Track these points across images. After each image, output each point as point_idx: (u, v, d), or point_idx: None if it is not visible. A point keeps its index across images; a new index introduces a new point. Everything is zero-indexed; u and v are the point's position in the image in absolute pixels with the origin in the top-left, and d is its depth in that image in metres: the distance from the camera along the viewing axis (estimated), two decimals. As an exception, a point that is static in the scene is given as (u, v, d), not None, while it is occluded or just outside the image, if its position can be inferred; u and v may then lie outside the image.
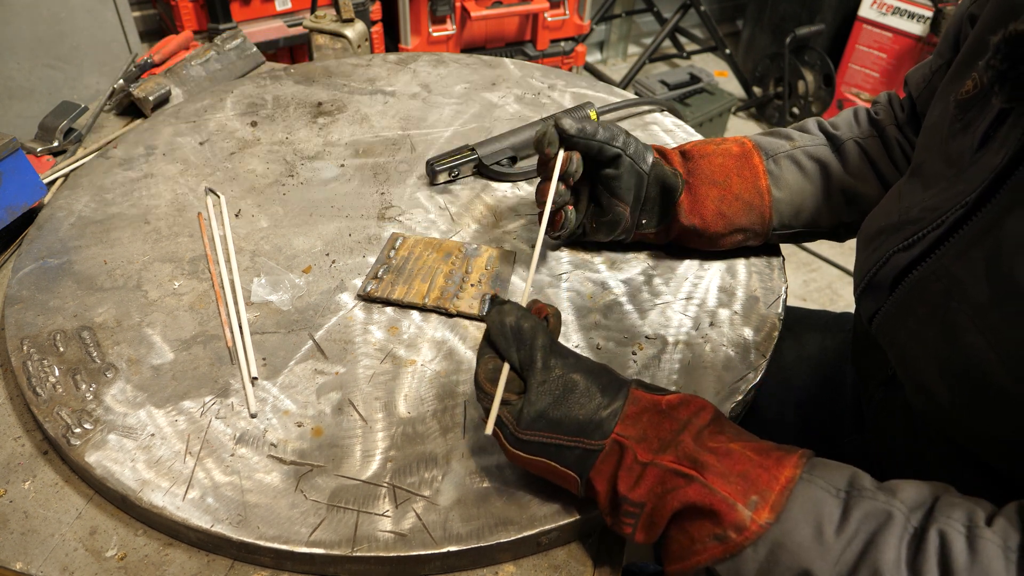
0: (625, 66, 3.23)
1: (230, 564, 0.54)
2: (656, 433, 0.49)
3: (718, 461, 0.47)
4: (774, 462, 0.47)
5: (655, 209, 0.74)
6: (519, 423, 0.50)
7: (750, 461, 0.47)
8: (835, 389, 0.83)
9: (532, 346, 0.51)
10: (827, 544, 0.43)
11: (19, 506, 0.57)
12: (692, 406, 0.51)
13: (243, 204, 0.84)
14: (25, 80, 1.73)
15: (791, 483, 0.45)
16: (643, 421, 0.50)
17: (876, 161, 0.74)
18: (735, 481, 0.46)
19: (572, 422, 0.50)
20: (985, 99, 0.54)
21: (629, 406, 0.51)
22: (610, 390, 0.51)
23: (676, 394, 0.52)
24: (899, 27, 2.49)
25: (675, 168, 0.73)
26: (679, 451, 0.48)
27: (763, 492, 0.45)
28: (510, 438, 0.51)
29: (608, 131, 0.69)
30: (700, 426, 0.50)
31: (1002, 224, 0.49)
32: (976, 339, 0.49)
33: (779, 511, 0.44)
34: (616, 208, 0.72)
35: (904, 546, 0.42)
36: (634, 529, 0.49)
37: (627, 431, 0.50)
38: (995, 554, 0.40)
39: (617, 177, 0.70)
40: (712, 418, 0.51)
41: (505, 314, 0.52)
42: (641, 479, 0.48)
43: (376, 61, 1.14)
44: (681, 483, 0.47)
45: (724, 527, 0.45)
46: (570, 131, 0.67)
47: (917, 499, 0.44)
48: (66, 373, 0.64)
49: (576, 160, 0.67)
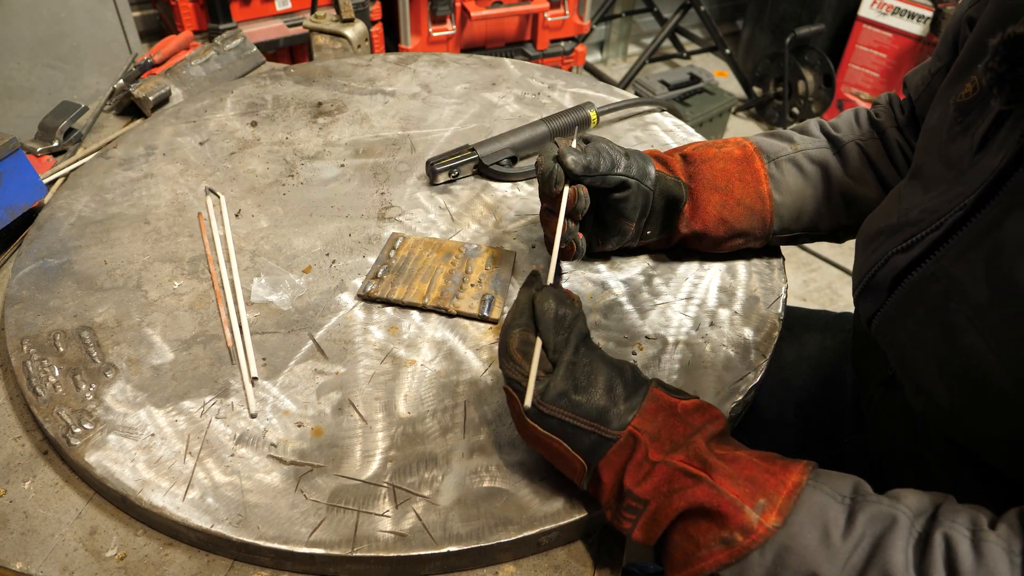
0: (625, 66, 3.23)
1: (230, 564, 0.54)
2: (669, 435, 0.50)
3: (726, 464, 0.47)
4: (780, 468, 0.47)
5: (659, 219, 0.74)
6: (543, 397, 0.50)
7: (757, 467, 0.47)
8: (835, 389, 0.83)
9: (571, 332, 0.52)
10: (834, 548, 0.43)
11: (19, 506, 0.57)
12: (707, 414, 0.51)
13: (243, 204, 0.84)
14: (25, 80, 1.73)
15: (798, 488, 0.46)
16: (659, 420, 0.51)
17: (876, 163, 0.74)
18: (743, 484, 0.46)
19: (592, 407, 0.50)
20: (984, 102, 0.54)
21: (648, 402, 0.51)
22: (631, 384, 0.52)
23: (693, 399, 0.53)
24: (899, 27, 2.49)
25: (677, 176, 0.72)
26: (690, 451, 0.48)
27: (770, 496, 0.45)
28: (530, 410, 0.51)
29: (608, 157, 0.67)
30: (712, 432, 0.50)
31: (1001, 225, 0.49)
32: (975, 340, 0.49)
33: (786, 515, 0.45)
34: (623, 225, 0.72)
35: (911, 549, 0.42)
36: (633, 526, 0.49)
37: (644, 425, 0.50)
38: (1000, 557, 0.40)
39: (624, 199, 0.70)
40: (723, 430, 0.51)
41: (553, 297, 0.53)
42: (649, 476, 0.48)
43: (376, 61, 1.14)
44: (689, 483, 0.47)
45: (731, 529, 0.45)
46: (576, 171, 0.65)
47: (920, 506, 0.45)
48: (66, 373, 0.64)
49: (584, 196, 0.66)
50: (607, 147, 0.69)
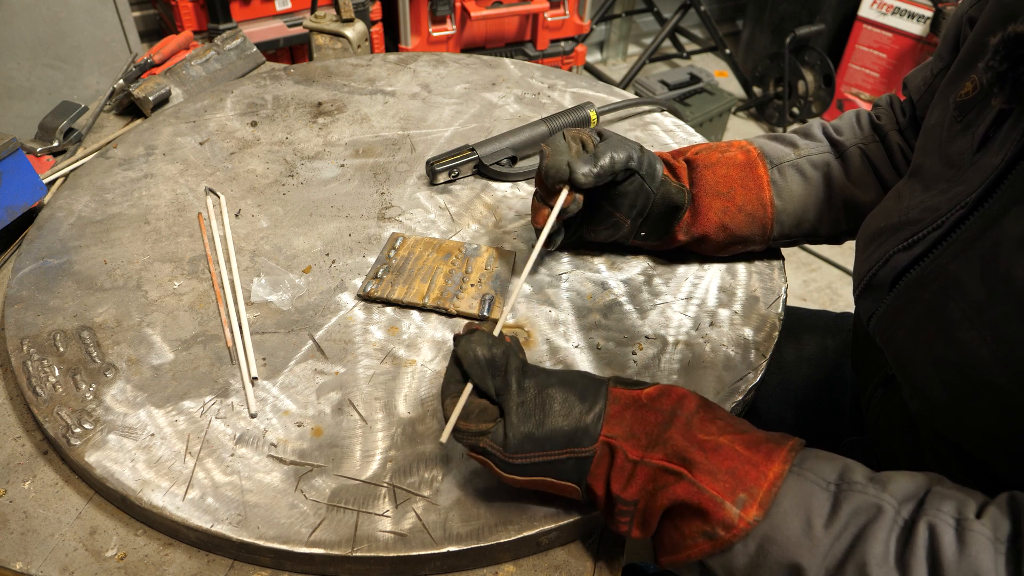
0: (625, 66, 3.23)
1: (230, 564, 0.54)
2: (643, 428, 0.50)
3: (706, 458, 0.47)
4: (763, 457, 0.47)
5: (656, 223, 0.73)
6: (507, 448, 0.50)
7: (739, 456, 0.47)
8: (835, 389, 0.83)
9: (506, 371, 0.51)
10: (816, 538, 0.43)
11: (19, 506, 0.57)
12: (672, 395, 0.51)
13: (243, 204, 0.84)
14: (25, 80, 1.73)
15: (779, 479, 0.46)
16: (627, 418, 0.50)
17: (878, 167, 0.74)
18: (723, 479, 0.46)
19: (559, 436, 0.50)
20: (984, 100, 0.54)
21: (611, 406, 0.51)
22: (589, 394, 0.51)
23: (654, 386, 0.52)
24: (899, 27, 2.49)
25: (682, 183, 0.72)
26: (668, 448, 0.48)
27: (751, 489, 0.45)
28: (501, 464, 0.50)
29: (623, 153, 0.66)
30: (687, 416, 0.50)
31: (1000, 223, 0.49)
32: (971, 335, 0.50)
33: (767, 508, 0.45)
34: (616, 218, 0.72)
35: (893, 540, 0.42)
36: (630, 526, 0.50)
37: (613, 431, 0.50)
38: (984, 546, 0.40)
39: (623, 195, 0.69)
40: (699, 405, 0.51)
41: (475, 343, 0.51)
42: (632, 478, 0.48)
43: (376, 61, 1.14)
44: (671, 480, 0.47)
45: (713, 525, 0.45)
46: (585, 186, 0.65)
47: (908, 491, 0.45)
48: (66, 373, 0.64)
49: (579, 200, 0.66)
50: (619, 142, 0.67)
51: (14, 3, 1.63)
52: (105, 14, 1.76)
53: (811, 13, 2.70)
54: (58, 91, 1.78)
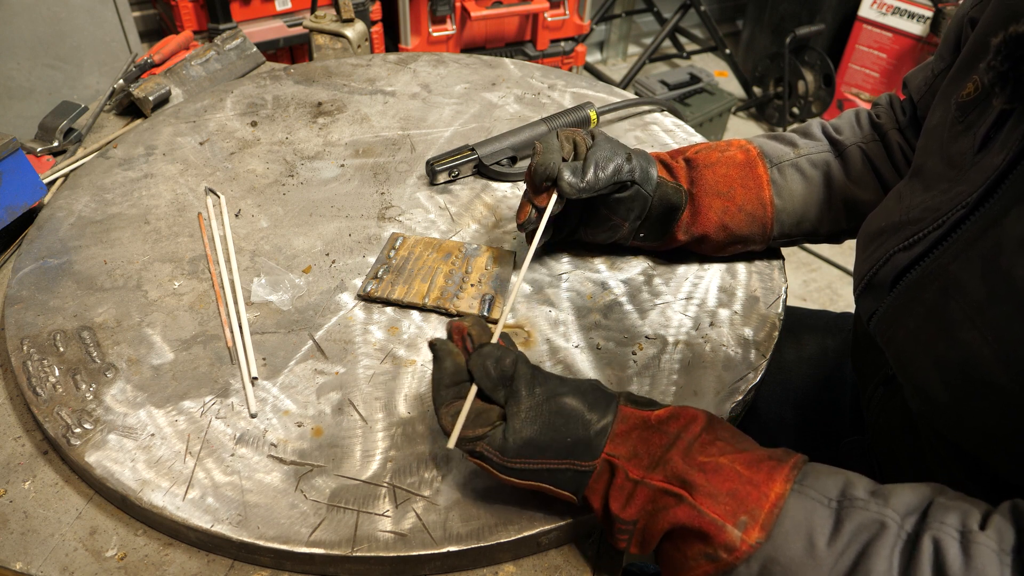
0: (625, 66, 3.23)
1: (230, 564, 0.54)
2: (646, 449, 0.49)
3: (707, 480, 0.46)
4: (765, 476, 0.46)
5: (655, 224, 0.73)
6: (505, 452, 0.49)
7: (739, 477, 0.46)
8: (835, 389, 0.83)
9: (516, 378, 0.50)
10: (819, 557, 0.43)
11: (19, 506, 0.57)
12: (682, 419, 0.50)
13: (243, 204, 0.84)
14: (25, 80, 1.73)
15: (781, 499, 0.45)
16: (633, 438, 0.50)
17: (878, 166, 0.74)
18: (724, 501, 0.45)
19: (561, 445, 0.49)
20: (986, 101, 0.54)
21: (618, 424, 0.50)
22: (598, 407, 0.51)
23: (666, 408, 0.52)
24: (899, 27, 2.49)
25: (679, 183, 0.72)
26: (667, 470, 0.48)
27: (752, 511, 0.45)
28: (498, 467, 0.50)
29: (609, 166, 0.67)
30: (690, 440, 0.49)
31: (1001, 223, 0.49)
32: (972, 335, 0.50)
33: (769, 529, 0.44)
34: (613, 221, 0.72)
35: (896, 556, 0.42)
36: (628, 544, 0.49)
37: (617, 450, 0.49)
38: (989, 558, 0.40)
39: (621, 201, 0.70)
40: (704, 427, 0.50)
41: (486, 356, 0.50)
42: (632, 498, 0.48)
43: (376, 61, 1.14)
44: (671, 502, 0.47)
45: (715, 547, 0.45)
46: (569, 195, 0.66)
47: (911, 504, 0.44)
48: (66, 373, 0.64)
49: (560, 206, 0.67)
50: (609, 153, 0.68)
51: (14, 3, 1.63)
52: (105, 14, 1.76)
53: (811, 13, 2.70)
54: (58, 91, 1.78)
